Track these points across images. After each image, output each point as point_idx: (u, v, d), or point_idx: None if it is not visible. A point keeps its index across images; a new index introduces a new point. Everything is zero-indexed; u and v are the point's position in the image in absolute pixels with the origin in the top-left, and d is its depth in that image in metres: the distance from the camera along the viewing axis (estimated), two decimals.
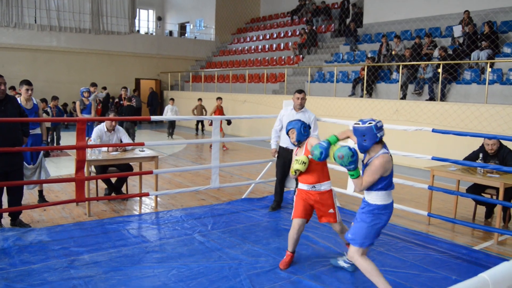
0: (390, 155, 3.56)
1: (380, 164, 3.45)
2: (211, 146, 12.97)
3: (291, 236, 4.38)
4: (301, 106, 6.17)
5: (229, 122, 13.29)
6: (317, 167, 4.29)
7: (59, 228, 5.39)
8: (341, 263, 4.35)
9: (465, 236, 5.63)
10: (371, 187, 3.57)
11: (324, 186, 4.34)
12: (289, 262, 4.39)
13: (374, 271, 3.56)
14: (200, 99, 16.02)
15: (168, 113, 15.02)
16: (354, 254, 3.64)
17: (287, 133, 4.46)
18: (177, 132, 17.14)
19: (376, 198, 3.59)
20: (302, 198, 4.37)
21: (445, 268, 4.46)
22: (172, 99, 15.81)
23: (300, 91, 6.17)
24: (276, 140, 6.40)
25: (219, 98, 13.16)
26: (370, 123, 3.49)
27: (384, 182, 3.54)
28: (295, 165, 4.23)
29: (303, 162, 4.20)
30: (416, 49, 12.53)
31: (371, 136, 3.48)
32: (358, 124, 3.54)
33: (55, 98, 12.15)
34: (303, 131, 4.37)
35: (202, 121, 17.10)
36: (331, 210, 4.35)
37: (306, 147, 4.33)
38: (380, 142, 3.54)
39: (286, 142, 6.21)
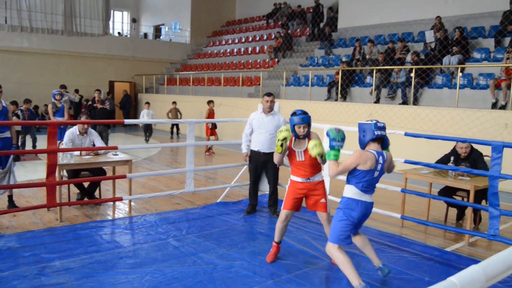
0: (377, 159, 3.73)
1: (357, 155, 3.70)
2: (207, 150, 12.88)
3: (278, 227, 4.55)
4: (270, 109, 6.19)
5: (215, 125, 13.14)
6: (315, 161, 4.39)
7: (29, 234, 5.26)
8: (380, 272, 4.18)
9: (438, 238, 5.72)
10: (351, 179, 3.79)
11: (317, 177, 4.51)
12: (275, 253, 4.60)
13: (348, 264, 3.71)
14: (174, 102, 15.90)
15: (144, 118, 14.79)
16: (330, 249, 3.84)
17: (293, 128, 4.39)
18: (158, 136, 17.00)
19: (350, 190, 3.81)
20: (294, 190, 4.49)
21: (418, 270, 4.52)
22: (148, 103, 15.50)
23: (269, 94, 6.18)
24: (247, 144, 6.37)
25: (210, 102, 13.02)
26: (371, 121, 3.81)
27: (360, 177, 3.73)
28: (318, 149, 4.13)
29: (320, 144, 4.20)
30: (389, 54, 12.73)
31: (370, 133, 3.75)
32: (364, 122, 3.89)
33: (27, 101, 11.87)
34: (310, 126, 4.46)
35: (177, 125, 16.97)
36: (322, 200, 4.49)
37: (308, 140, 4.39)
38: (377, 141, 3.79)
39: (257, 145, 6.21)
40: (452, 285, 1.46)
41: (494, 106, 9.68)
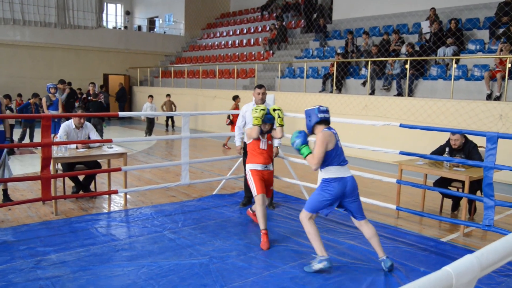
0: (333, 133, 4.16)
1: (320, 137, 4.07)
2: (224, 144, 12.72)
3: (262, 213, 4.83)
4: (262, 101, 6.13)
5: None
6: (271, 152, 5.21)
7: (24, 228, 5.24)
8: (315, 266, 4.17)
9: (433, 228, 5.76)
10: (322, 164, 4.12)
11: (271, 167, 5.24)
12: (268, 240, 4.79)
13: (315, 236, 4.18)
14: (168, 95, 15.83)
15: (148, 111, 14.51)
16: (303, 217, 4.24)
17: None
18: (154, 129, 16.91)
19: (325, 173, 4.18)
20: (258, 176, 5.05)
21: (413, 260, 4.55)
22: (151, 96, 14.94)
23: (260, 86, 6.12)
24: (241, 137, 6.33)
25: (237, 97, 12.46)
26: (314, 106, 4.23)
27: (331, 157, 4.10)
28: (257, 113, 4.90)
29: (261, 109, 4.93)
30: (384, 45, 12.72)
31: (314, 117, 4.16)
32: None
33: (35, 95, 11.74)
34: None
35: (172, 117, 16.91)
36: (272, 187, 5.40)
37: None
38: (322, 123, 4.18)
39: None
40: (447, 274, 1.46)
41: (489, 97, 9.70)
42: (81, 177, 6.83)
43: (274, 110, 5.02)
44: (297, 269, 4.22)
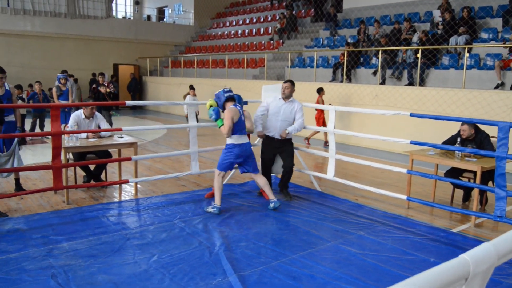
0: (238, 109, 5.55)
1: (228, 111, 5.46)
2: (307, 139, 11.69)
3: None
4: (284, 95, 6.19)
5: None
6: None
7: (37, 217, 5.30)
8: (209, 209, 5.62)
9: (443, 219, 5.73)
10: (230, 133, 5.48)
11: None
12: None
13: (218, 189, 5.57)
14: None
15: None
16: (215, 174, 5.63)
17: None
18: (165, 119, 16.93)
19: (229, 140, 5.57)
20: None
21: (423, 251, 4.53)
22: (193, 88, 13.37)
23: (286, 81, 6.28)
24: (261, 123, 6.34)
25: (321, 90, 11.26)
26: (221, 89, 5.68)
27: (234, 128, 5.47)
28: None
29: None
30: (395, 34, 12.58)
31: (222, 97, 5.61)
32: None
33: (38, 82, 11.81)
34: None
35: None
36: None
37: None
38: (229, 100, 5.62)
39: (272, 131, 6.21)
40: (464, 262, 1.45)
41: (499, 87, 9.54)
42: (92, 167, 6.88)
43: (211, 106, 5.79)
44: (306, 258, 4.22)
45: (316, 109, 11.07)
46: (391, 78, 11.98)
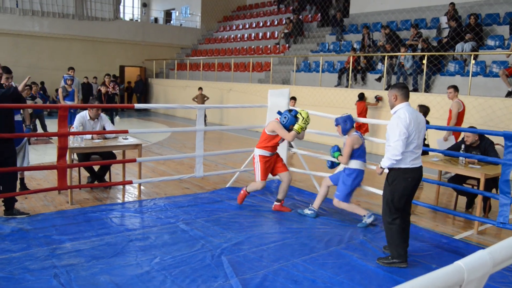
0: (360, 136, 5.43)
1: (351, 140, 5.34)
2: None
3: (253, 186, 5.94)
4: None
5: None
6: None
7: (40, 217, 5.33)
8: (306, 211, 5.75)
9: (446, 226, 5.71)
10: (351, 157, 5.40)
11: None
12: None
13: (321, 196, 5.78)
14: (200, 88, 15.75)
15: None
16: (336, 202, 5.60)
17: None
18: (169, 121, 16.94)
19: (352, 163, 5.42)
20: (268, 163, 5.88)
21: (426, 257, 4.52)
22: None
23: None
24: None
25: (363, 95, 11.29)
26: (347, 114, 5.49)
27: (356, 154, 5.39)
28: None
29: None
30: (401, 40, 12.57)
31: (349, 122, 5.43)
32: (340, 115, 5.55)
33: (34, 83, 11.85)
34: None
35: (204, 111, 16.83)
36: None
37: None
38: (353, 128, 5.49)
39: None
40: (459, 269, 1.46)
41: (510, 94, 9.46)
42: (96, 168, 6.91)
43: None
44: (308, 262, 4.22)
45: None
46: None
